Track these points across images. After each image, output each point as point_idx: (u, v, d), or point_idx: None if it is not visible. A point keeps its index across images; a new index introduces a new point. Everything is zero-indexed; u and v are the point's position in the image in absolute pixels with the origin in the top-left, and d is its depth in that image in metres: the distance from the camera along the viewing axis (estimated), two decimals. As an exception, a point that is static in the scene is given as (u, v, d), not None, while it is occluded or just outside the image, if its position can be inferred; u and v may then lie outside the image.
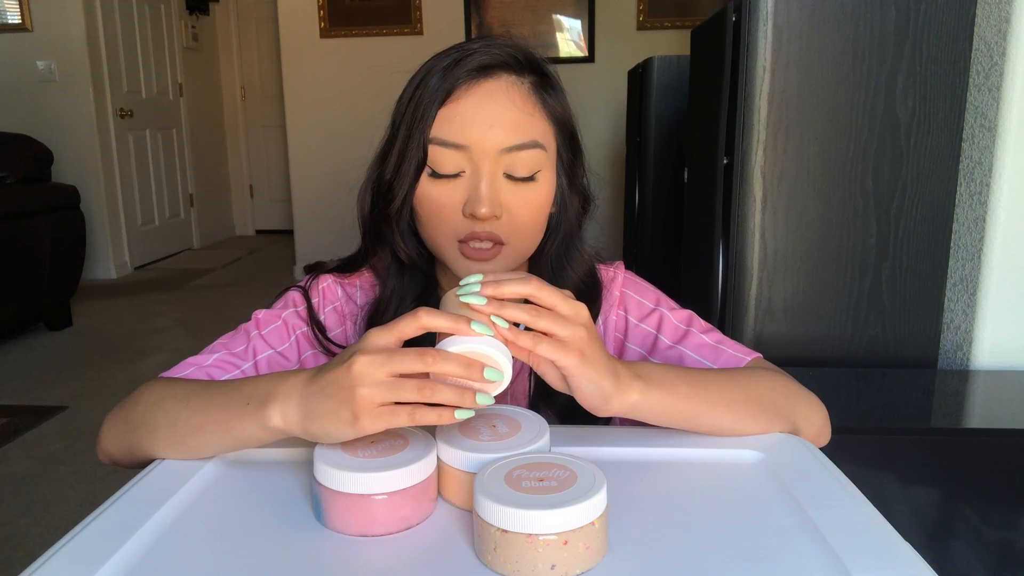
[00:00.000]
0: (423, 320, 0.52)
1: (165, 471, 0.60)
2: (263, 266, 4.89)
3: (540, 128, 0.70)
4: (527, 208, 0.70)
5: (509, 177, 0.68)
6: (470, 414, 0.51)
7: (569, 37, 4.40)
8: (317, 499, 0.52)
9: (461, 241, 0.69)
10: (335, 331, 0.78)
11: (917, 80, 1.29)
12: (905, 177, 1.32)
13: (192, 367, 0.71)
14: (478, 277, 0.54)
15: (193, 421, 0.60)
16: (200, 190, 5.46)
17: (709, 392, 0.62)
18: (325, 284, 0.79)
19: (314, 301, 0.77)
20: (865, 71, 1.30)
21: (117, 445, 0.66)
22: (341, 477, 0.50)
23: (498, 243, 0.69)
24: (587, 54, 4.37)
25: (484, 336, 0.52)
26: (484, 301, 0.53)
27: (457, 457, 0.54)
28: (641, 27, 4.29)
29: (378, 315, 0.75)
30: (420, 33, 4.35)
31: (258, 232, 6.17)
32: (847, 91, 1.30)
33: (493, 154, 0.67)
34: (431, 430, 0.57)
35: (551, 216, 0.75)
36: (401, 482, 0.51)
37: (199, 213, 5.45)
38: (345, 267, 0.80)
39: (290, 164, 4.50)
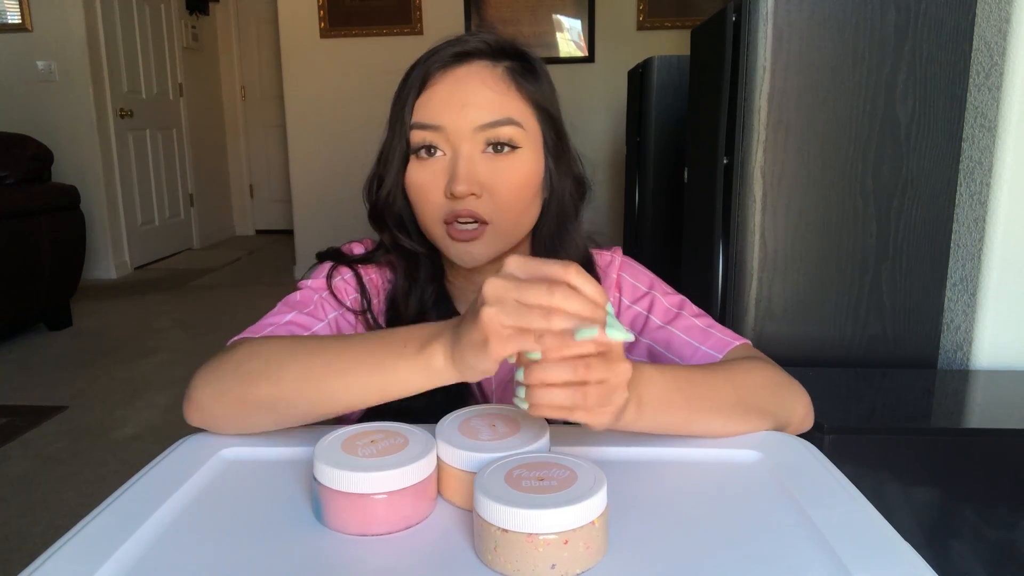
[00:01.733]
0: (571, 277, 0.49)
1: (166, 469, 0.60)
2: (263, 266, 4.89)
3: (514, 107, 0.72)
4: (507, 185, 0.71)
5: (491, 152, 0.71)
6: (593, 333, 0.48)
7: (569, 37, 4.41)
8: (317, 498, 0.52)
9: (447, 223, 0.71)
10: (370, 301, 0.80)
11: (917, 80, 1.29)
12: (905, 177, 1.32)
13: (271, 326, 0.71)
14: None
15: (333, 365, 0.58)
16: (200, 190, 5.46)
17: (703, 400, 0.63)
18: (346, 268, 0.80)
19: (347, 277, 0.79)
20: (865, 71, 1.30)
21: (222, 403, 0.63)
22: (341, 476, 0.50)
23: (482, 222, 0.71)
24: (587, 54, 4.37)
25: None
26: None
27: (457, 456, 0.54)
28: (641, 27, 4.29)
29: (396, 302, 0.78)
30: (420, 33, 4.35)
31: (258, 232, 6.17)
32: (847, 91, 1.30)
33: (468, 132, 0.70)
34: (431, 430, 0.57)
35: (545, 202, 0.76)
36: (401, 481, 0.51)
37: (199, 213, 5.45)
38: (365, 259, 0.81)
39: (290, 164, 4.50)
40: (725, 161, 1.44)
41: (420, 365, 0.54)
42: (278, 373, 0.60)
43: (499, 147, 0.71)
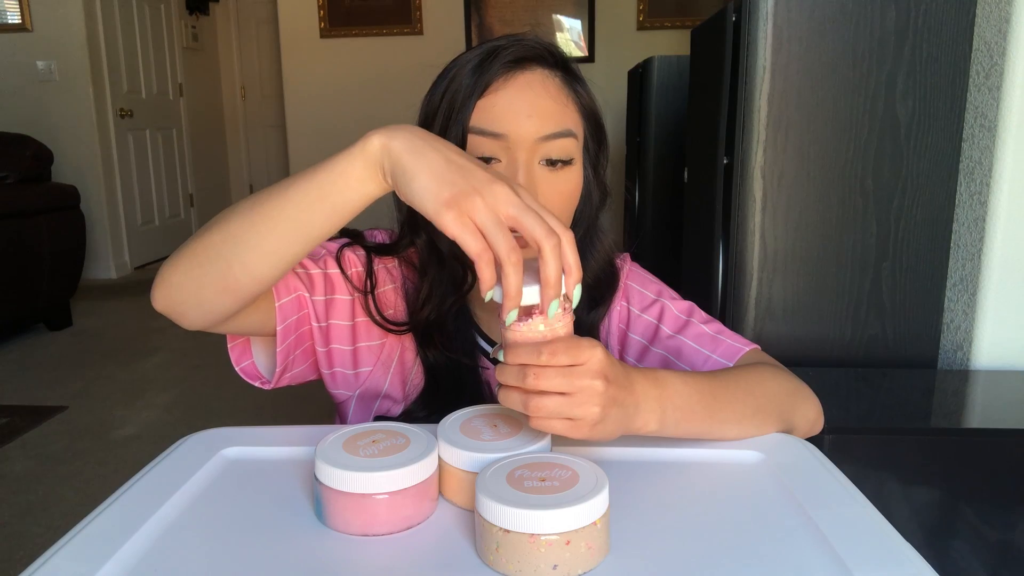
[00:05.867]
0: (565, 239, 0.52)
1: (167, 469, 0.60)
2: (263, 266, 4.87)
3: (572, 118, 0.72)
4: (560, 197, 0.71)
5: (545, 164, 0.70)
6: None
7: (569, 37, 4.41)
8: (318, 498, 0.52)
9: None
10: (385, 287, 0.78)
11: (917, 80, 1.29)
12: (905, 177, 1.32)
13: None
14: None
15: (275, 189, 0.58)
16: (200, 190, 5.46)
17: (723, 410, 0.63)
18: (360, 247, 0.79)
19: (360, 253, 0.78)
20: (865, 71, 1.30)
21: (178, 264, 0.62)
22: (342, 476, 0.50)
23: None
24: (587, 54, 4.37)
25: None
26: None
27: (458, 457, 0.54)
28: (641, 27, 4.30)
29: (419, 304, 0.76)
30: (420, 33, 4.36)
31: (258, 232, 6.15)
32: (847, 91, 1.30)
33: (530, 143, 0.69)
34: (432, 430, 0.57)
35: (577, 211, 0.76)
36: (402, 481, 0.51)
37: (199, 213, 5.45)
38: (383, 251, 0.79)
39: (290, 164, 4.50)
40: (725, 161, 1.44)
41: (356, 152, 0.55)
42: (227, 216, 0.60)
43: (555, 163, 0.70)
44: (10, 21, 4.11)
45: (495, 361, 0.55)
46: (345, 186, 0.56)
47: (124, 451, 2.13)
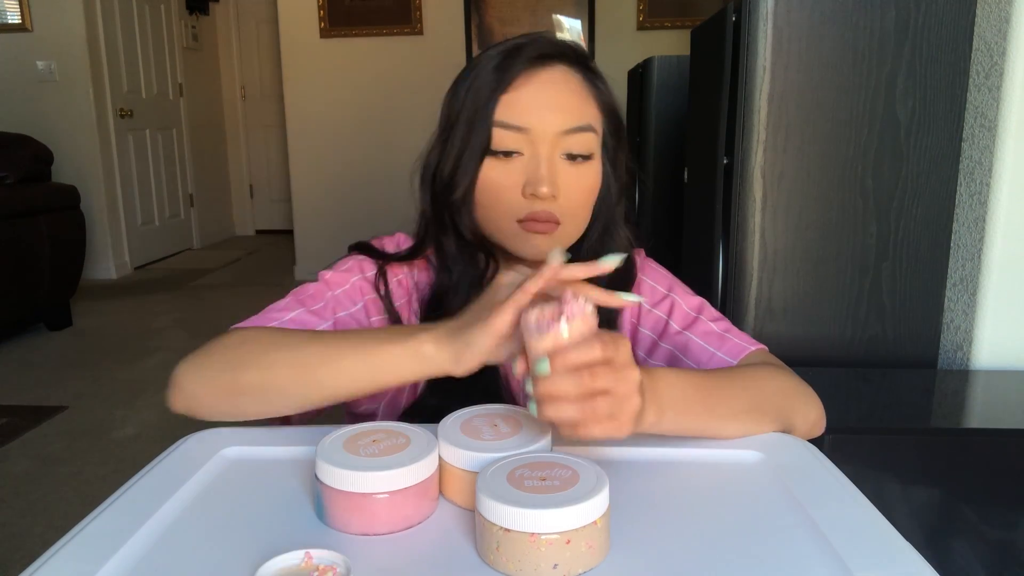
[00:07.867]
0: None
1: (167, 469, 0.60)
2: (263, 266, 4.88)
3: (593, 113, 0.74)
4: (580, 189, 0.73)
5: (566, 158, 0.72)
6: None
7: (569, 37, 4.40)
8: (319, 498, 0.52)
9: (520, 220, 0.72)
10: (399, 302, 0.78)
11: (917, 80, 1.29)
12: (905, 177, 1.32)
13: (274, 321, 0.72)
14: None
15: (324, 352, 0.60)
16: (200, 190, 5.46)
17: (720, 406, 0.63)
18: (371, 266, 0.79)
19: (369, 275, 0.79)
20: (865, 71, 1.30)
21: (209, 388, 0.63)
22: (343, 476, 0.50)
23: (555, 222, 0.72)
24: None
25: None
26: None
27: (459, 456, 0.54)
28: (641, 27, 4.29)
29: (441, 300, 0.76)
30: (420, 33, 4.35)
31: (258, 232, 6.16)
32: (847, 91, 1.30)
33: (552, 136, 0.71)
34: (433, 430, 0.57)
35: (595, 205, 0.77)
36: (403, 481, 0.51)
37: (199, 213, 5.45)
38: (405, 256, 0.79)
39: (290, 164, 4.49)
40: (725, 161, 1.44)
41: (409, 350, 0.57)
42: (268, 360, 0.61)
43: (575, 157, 0.72)
44: (10, 21, 4.11)
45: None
46: (394, 376, 0.59)
47: (124, 451, 2.13)
